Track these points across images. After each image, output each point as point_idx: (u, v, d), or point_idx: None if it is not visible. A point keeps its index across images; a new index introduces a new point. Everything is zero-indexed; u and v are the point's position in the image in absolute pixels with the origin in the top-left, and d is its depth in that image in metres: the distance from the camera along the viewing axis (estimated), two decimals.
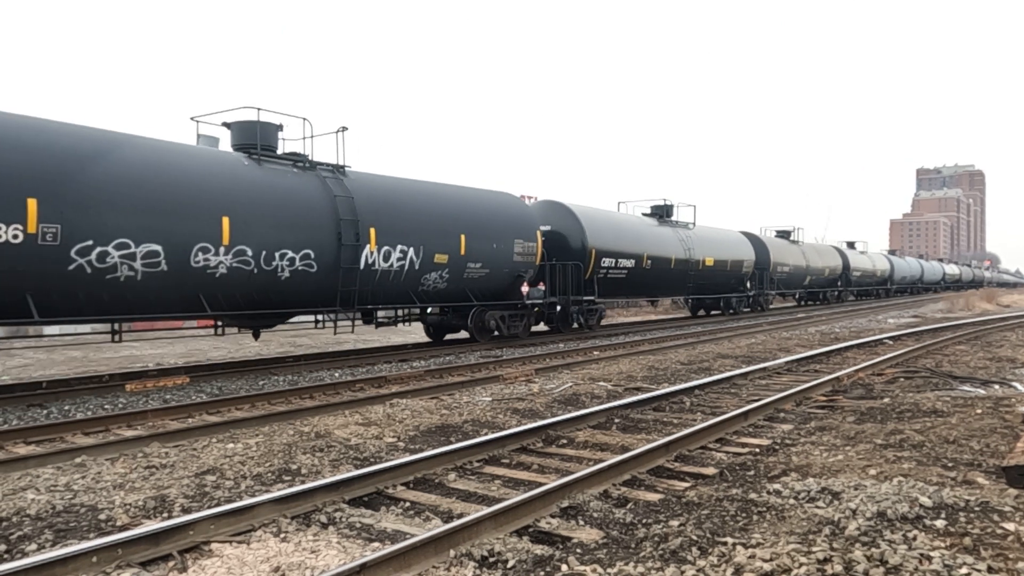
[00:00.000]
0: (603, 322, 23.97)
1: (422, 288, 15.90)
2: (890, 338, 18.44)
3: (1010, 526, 4.53)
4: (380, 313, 16.63)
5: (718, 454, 6.83)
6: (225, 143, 13.68)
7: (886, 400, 9.32)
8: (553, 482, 5.45)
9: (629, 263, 24.48)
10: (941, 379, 11.29)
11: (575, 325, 21.40)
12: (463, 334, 18.40)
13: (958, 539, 4.35)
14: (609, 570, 4.07)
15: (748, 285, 32.24)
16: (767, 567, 3.92)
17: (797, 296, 41.78)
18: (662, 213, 28.04)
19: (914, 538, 4.33)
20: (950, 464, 6.18)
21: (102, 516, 5.15)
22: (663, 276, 25.66)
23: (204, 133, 13.59)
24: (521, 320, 18.88)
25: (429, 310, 18.01)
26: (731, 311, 31.74)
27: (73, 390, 10.89)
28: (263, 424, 8.47)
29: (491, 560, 4.28)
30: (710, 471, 6.19)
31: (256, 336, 14.89)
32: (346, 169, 14.81)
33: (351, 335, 21.02)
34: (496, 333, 18.10)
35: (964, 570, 3.86)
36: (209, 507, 5.30)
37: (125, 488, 5.85)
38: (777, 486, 5.53)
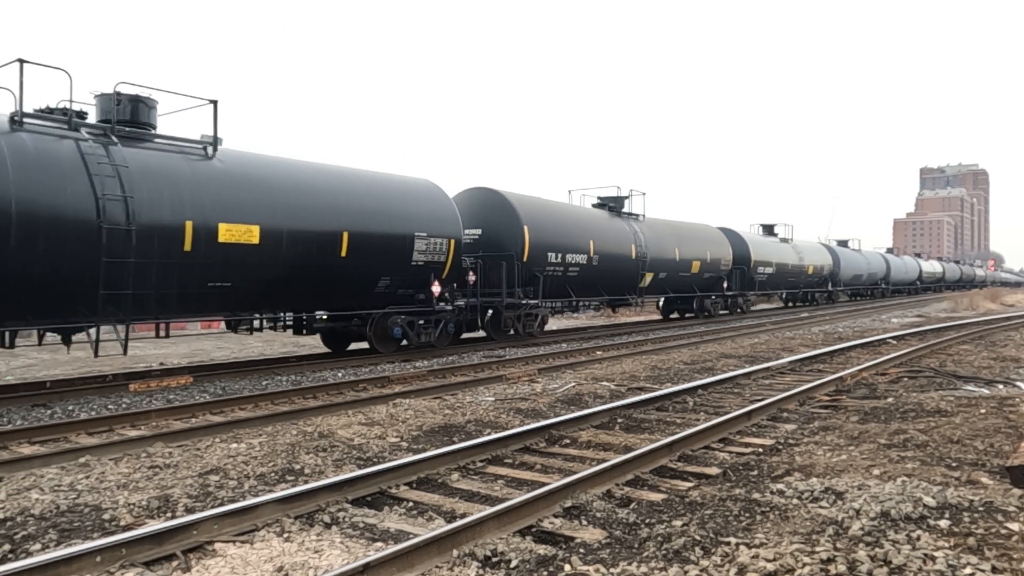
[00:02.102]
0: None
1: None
2: (894, 338, 18.41)
3: (1014, 526, 4.52)
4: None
5: (721, 454, 6.82)
6: (227, 142, 13.65)
7: (890, 400, 9.30)
8: (556, 482, 5.45)
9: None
10: (945, 379, 11.27)
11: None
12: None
13: (962, 539, 4.33)
14: (612, 570, 4.07)
15: (726, 285, 29.38)
16: (770, 567, 3.92)
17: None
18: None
19: (918, 538, 4.32)
20: (954, 464, 6.17)
21: (106, 516, 5.16)
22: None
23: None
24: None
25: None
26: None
27: (77, 390, 10.91)
28: (266, 424, 8.48)
29: (494, 560, 4.28)
30: (713, 471, 6.18)
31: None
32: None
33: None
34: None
35: (968, 570, 3.85)
36: (213, 507, 5.31)
37: (129, 488, 5.86)
38: (780, 486, 5.52)
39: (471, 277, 17.70)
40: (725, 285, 29.43)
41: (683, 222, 28.59)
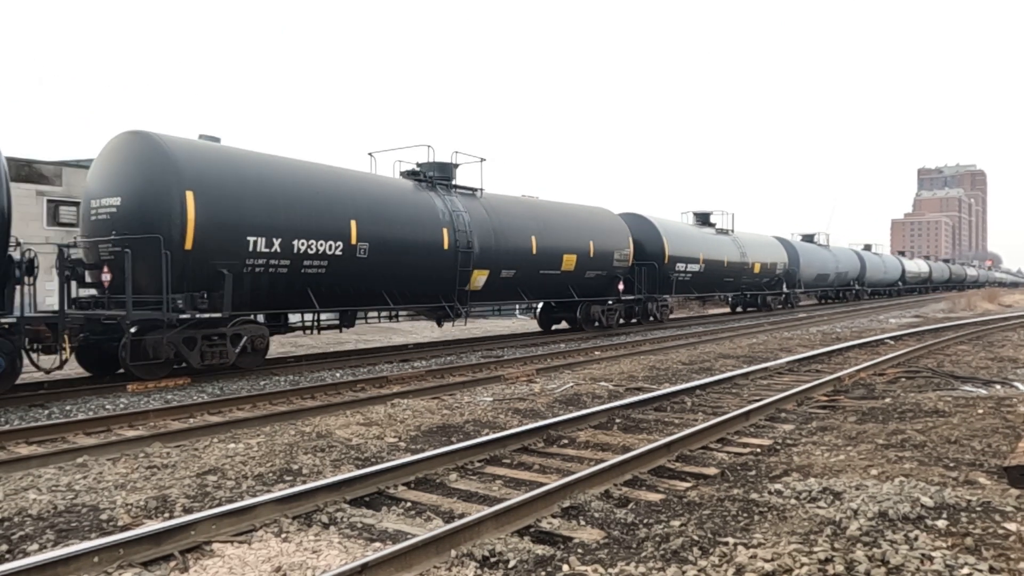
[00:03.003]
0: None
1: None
2: (891, 338, 18.43)
3: (1012, 526, 4.53)
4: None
5: (719, 454, 6.82)
6: (226, 141, 13.61)
7: (888, 400, 9.31)
8: (554, 482, 5.45)
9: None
10: (943, 379, 11.28)
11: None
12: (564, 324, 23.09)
13: (960, 539, 4.34)
14: (610, 570, 4.07)
15: (622, 288, 26.38)
16: (768, 567, 3.92)
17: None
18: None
19: (916, 538, 4.32)
20: (952, 464, 6.17)
21: (104, 516, 5.16)
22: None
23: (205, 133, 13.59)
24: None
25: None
26: (596, 324, 23.06)
27: (75, 390, 10.90)
28: (264, 424, 8.48)
29: (492, 560, 4.28)
30: (711, 471, 6.18)
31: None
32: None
33: (353, 335, 21.04)
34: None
35: (966, 570, 3.85)
36: (211, 507, 5.30)
37: (127, 488, 5.86)
38: (778, 486, 5.52)
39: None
40: (621, 287, 23.03)
41: (552, 202, 21.77)
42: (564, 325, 23.50)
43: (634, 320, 24.53)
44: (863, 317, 29.65)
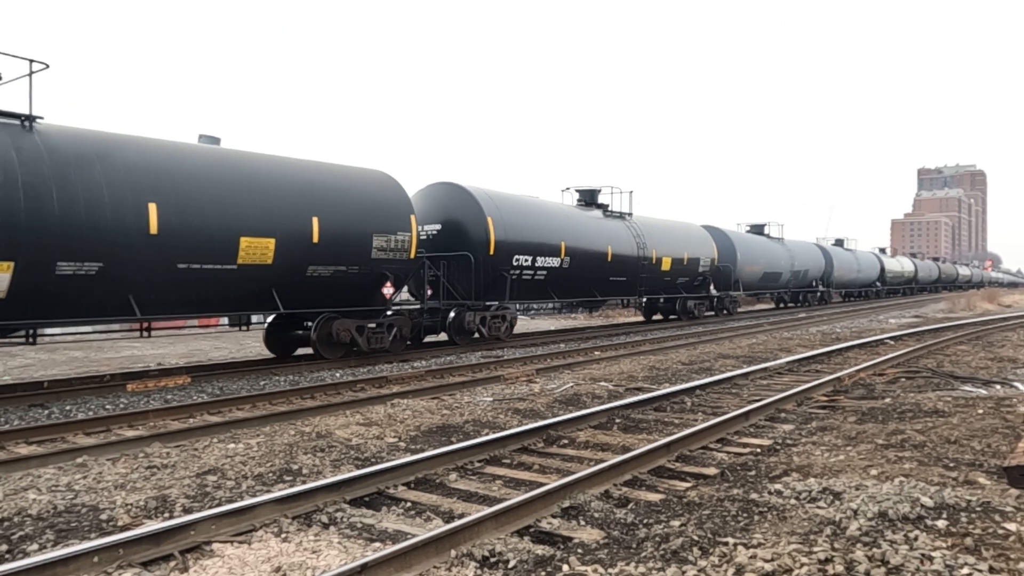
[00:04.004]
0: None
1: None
2: (891, 338, 18.44)
3: (1011, 526, 4.53)
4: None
5: (719, 454, 6.83)
6: (225, 142, 13.63)
7: (887, 400, 9.31)
8: (554, 482, 5.45)
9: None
10: (942, 379, 11.29)
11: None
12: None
13: (959, 539, 4.34)
14: (610, 570, 4.07)
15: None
16: (768, 567, 3.92)
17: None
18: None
19: (915, 538, 4.32)
20: (951, 464, 6.17)
21: (103, 516, 5.16)
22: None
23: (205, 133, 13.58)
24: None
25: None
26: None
27: (74, 390, 10.89)
28: (264, 424, 8.48)
29: (492, 560, 4.28)
30: (711, 471, 6.18)
31: None
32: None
33: None
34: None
35: (965, 570, 3.85)
36: (210, 507, 5.30)
37: (126, 488, 5.86)
38: (778, 486, 5.53)
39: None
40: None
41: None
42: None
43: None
44: (863, 317, 29.65)
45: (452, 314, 17.13)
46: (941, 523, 4.64)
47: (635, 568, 4.07)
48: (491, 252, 17.28)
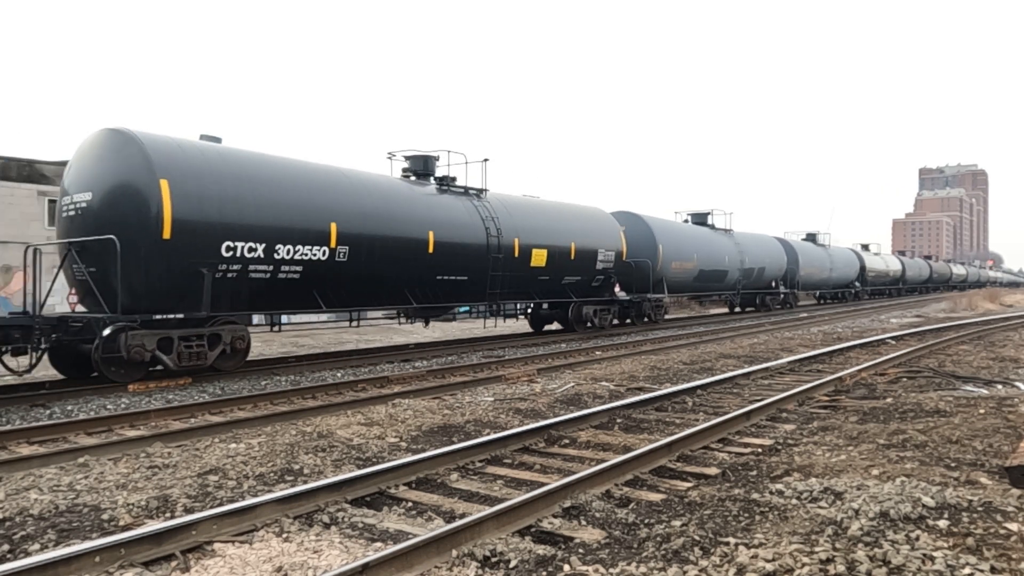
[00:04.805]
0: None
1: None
2: (893, 338, 18.42)
3: (1013, 526, 4.53)
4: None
5: (720, 454, 6.82)
6: (226, 142, 13.60)
7: (889, 400, 9.31)
8: (555, 482, 5.45)
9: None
10: (944, 379, 11.28)
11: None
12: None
13: (961, 539, 4.34)
14: (611, 570, 4.07)
15: (774, 284, 33.73)
16: (769, 567, 3.92)
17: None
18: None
19: (917, 538, 4.32)
20: (953, 464, 6.17)
21: (105, 516, 5.16)
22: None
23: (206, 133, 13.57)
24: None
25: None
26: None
27: (76, 390, 10.89)
28: (265, 424, 8.48)
29: (493, 560, 4.27)
30: (712, 471, 6.18)
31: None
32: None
33: (353, 335, 21.07)
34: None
35: (967, 570, 3.85)
36: (212, 507, 5.31)
37: (128, 488, 5.86)
38: (780, 486, 5.52)
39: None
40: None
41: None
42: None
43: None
44: (864, 317, 29.62)
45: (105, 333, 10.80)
46: (943, 523, 4.64)
47: (636, 568, 4.07)
48: (165, 236, 11.29)
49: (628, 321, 24.01)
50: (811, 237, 43.37)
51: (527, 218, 19.03)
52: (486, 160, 18.19)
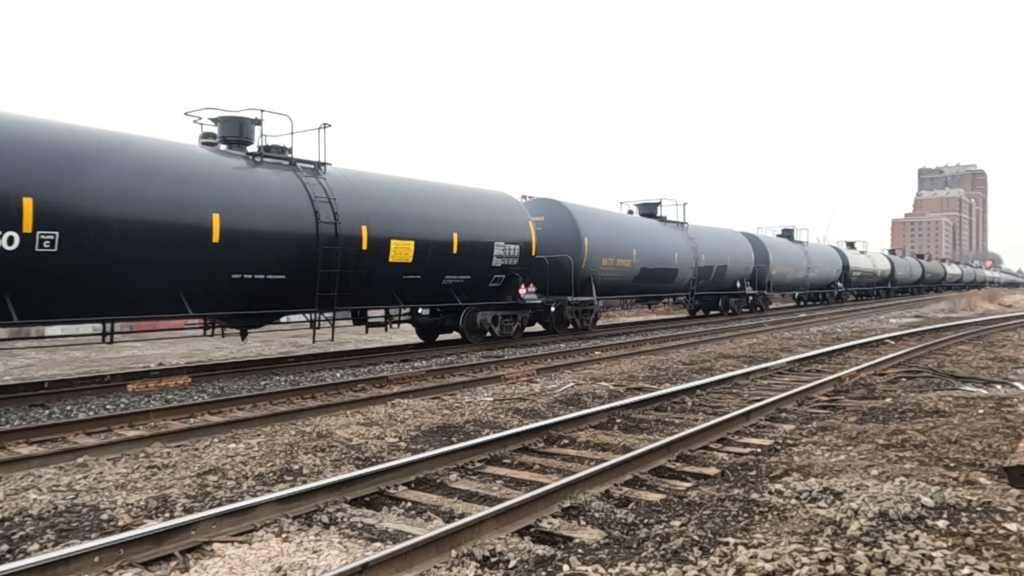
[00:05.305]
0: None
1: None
2: (892, 338, 18.43)
3: (1012, 526, 4.53)
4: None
5: (720, 454, 6.82)
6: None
7: (888, 400, 9.31)
8: (555, 482, 5.45)
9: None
10: (943, 379, 11.28)
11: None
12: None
13: (960, 539, 4.34)
14: (611, 570, 4.07)
15: (739, 285, 29.62)
16: (769, 567, 3.92)
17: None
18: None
19: (916, 538, 4.32)
20: (952, 464, 6.17)
21: (104, 516, 5.16)
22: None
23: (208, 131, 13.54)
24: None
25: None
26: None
27: (75, 390, 10.90)
28: (265, 424, 8.48)
29: (493, 560, 4.27)
30: (712, 471, 6.18)
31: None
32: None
33: (352, 336, 21.06)
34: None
35: (966, 570, 3.85)
36: (211, 507, 5.30)
37: (127, 488, 5.86)
38: (779, 486, 5.52)
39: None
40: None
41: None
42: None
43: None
44: (863, 317, 29.63)
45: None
46: (942, 523, 4.64)
47: (636, 568, 4.07)
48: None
49: (543, 328, 20.57)
50: (787, 233, 39.56)
51: (384, 202, 14.78)
52: (324, 126, 14.02)
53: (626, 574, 4.01)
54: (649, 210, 26.91)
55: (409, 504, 5.47)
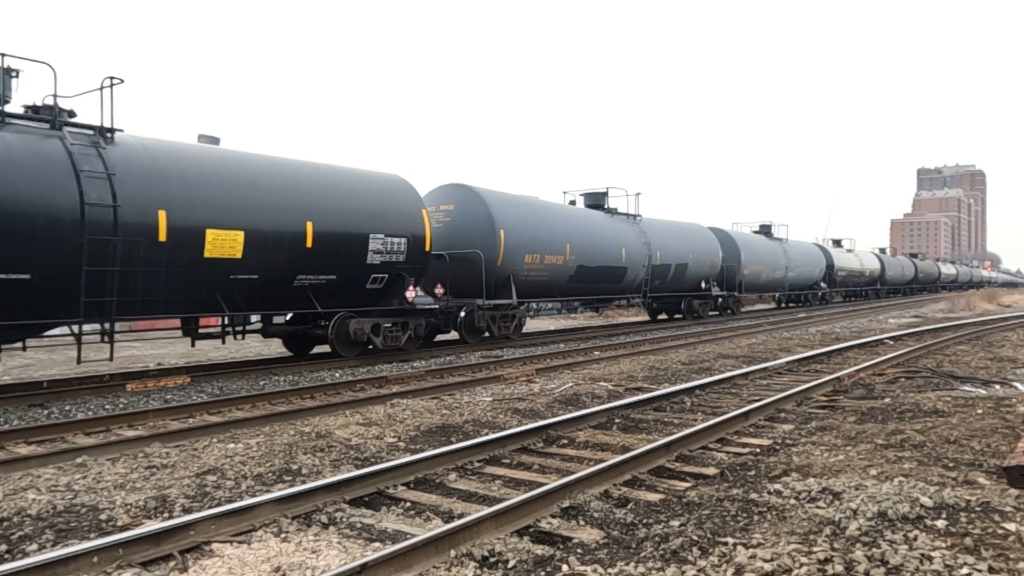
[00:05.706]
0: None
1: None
2: (891, 338, 18.44)
3: (1011, 526, 4.53)
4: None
5: (719, 454, 6.82)
6: (225, 142, 13.58)
7: (887, 400, 9.32)
8: (554, 482, 5.45)
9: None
10: (942, 379, 11.29)
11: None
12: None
13: (959, 539, 4.34)
14: (610, 570, 4.07)
15: (704, 286, 25.96)
16: (768, 567, 3.92)
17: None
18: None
19: (915, 538, 4.32)
20: (951, 464, 6.17)
21: (103, 516, 5.15)
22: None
23: (204, 134, 13.55)
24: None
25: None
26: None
27: (74, 390, 10.89)
28: (264, 424, 8.48)
29: (492, 560, 4.28)
30: (711, 471, 6.18)
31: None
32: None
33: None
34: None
35: (965, 570, 3.85)
36: (210, 507, 5.30)
37: (126, 488, 5.86)
38: (778, 486, 5.53)
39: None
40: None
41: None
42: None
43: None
44: (863, 317, 29.64)
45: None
46: (940, 523, 4.64)
47: (635, 568, 4.07)
48: None
49: (455, 336, 17.61)
50: (765, 229, 36.06)
51: (197, 182, 11.56)
52: (111, 81, 10.83)
53: (625, 574, 4.01)
54: (596, 201, 23.22)
55: (408, 504, 5.47)
